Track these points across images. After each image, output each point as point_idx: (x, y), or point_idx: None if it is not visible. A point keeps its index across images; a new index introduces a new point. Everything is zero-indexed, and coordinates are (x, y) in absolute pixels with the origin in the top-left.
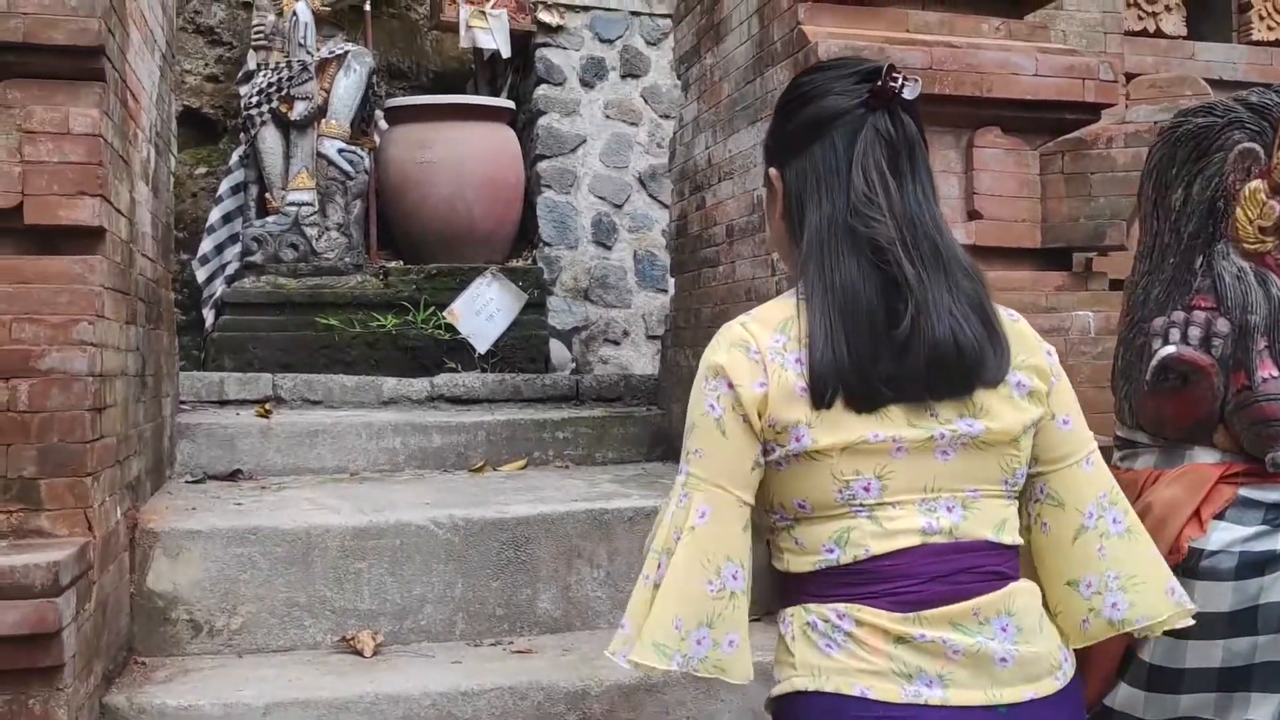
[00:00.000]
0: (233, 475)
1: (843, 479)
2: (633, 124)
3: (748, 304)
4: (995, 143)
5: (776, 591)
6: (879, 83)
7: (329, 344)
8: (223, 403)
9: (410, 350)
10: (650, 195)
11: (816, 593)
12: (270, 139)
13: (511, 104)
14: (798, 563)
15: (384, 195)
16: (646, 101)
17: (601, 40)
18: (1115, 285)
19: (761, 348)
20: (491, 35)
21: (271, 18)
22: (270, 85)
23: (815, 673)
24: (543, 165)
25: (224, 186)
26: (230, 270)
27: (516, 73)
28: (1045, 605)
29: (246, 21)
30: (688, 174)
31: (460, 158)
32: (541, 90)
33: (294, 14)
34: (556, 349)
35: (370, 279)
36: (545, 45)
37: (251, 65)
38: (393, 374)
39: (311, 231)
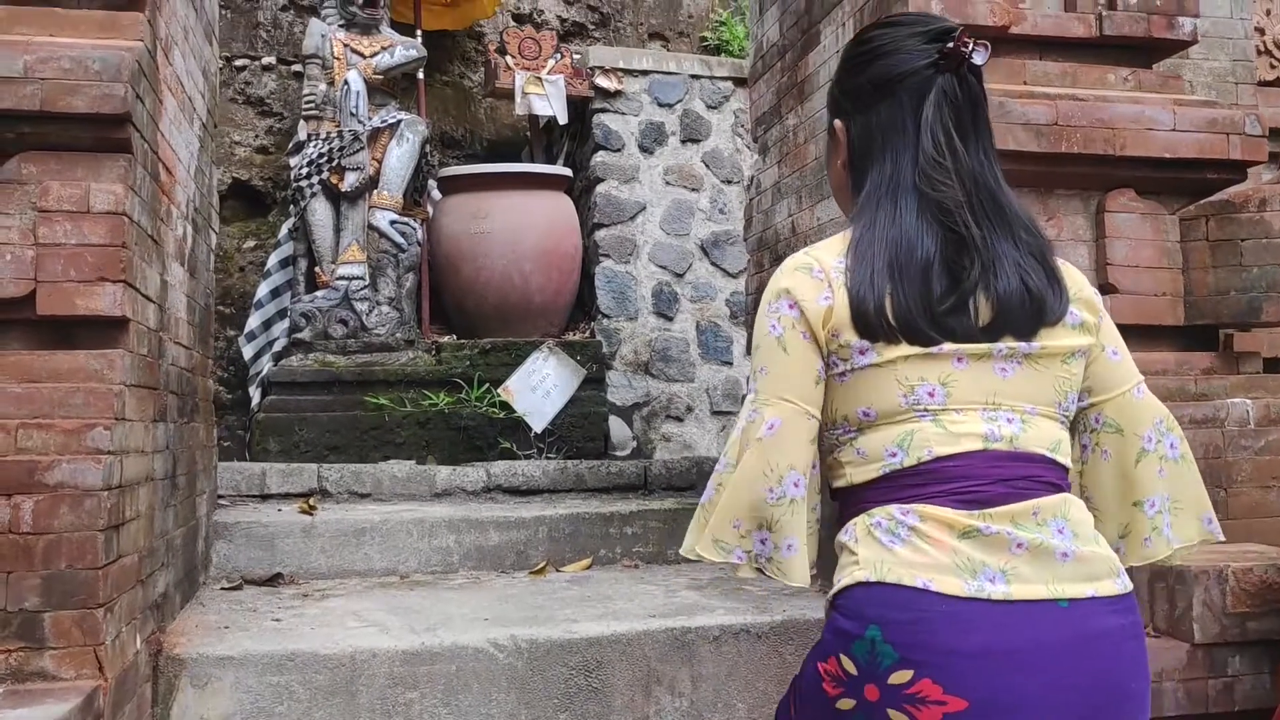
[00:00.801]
0: (273, 580)
1: (907, 384)
2: (694, 190)
3: None
4: (1129, 206)
5: (835, 520)
6: (951, 45)
7: (378, 424)
8: (264, 496)
9: (463, 430)
10: (713, 263)
11: (880, 498)
12: (320, 211)
13: (568, 171)
14: (861, 473)
15: (437, 267)
16: (708, 166)
17: (660, 105)
18: (1271, 366)
19: (825, 267)
20: (548, 101)
21: (323, 87)
22: (320, 156)
23: (877, 565)
24: (601, 234)
25: (272, 260)
26: (278, 347)
27: (573, 139)
28: (1102, 532)
29: (298, 91)
30: (767, 243)
31: (516, 228)
32: (599, 157)
33: (346, 83)
34: (616, 426)
35: (422, 355)
36: (603, 111)
37: (302, 136)
38: (445, 455)
39: (362, 306)
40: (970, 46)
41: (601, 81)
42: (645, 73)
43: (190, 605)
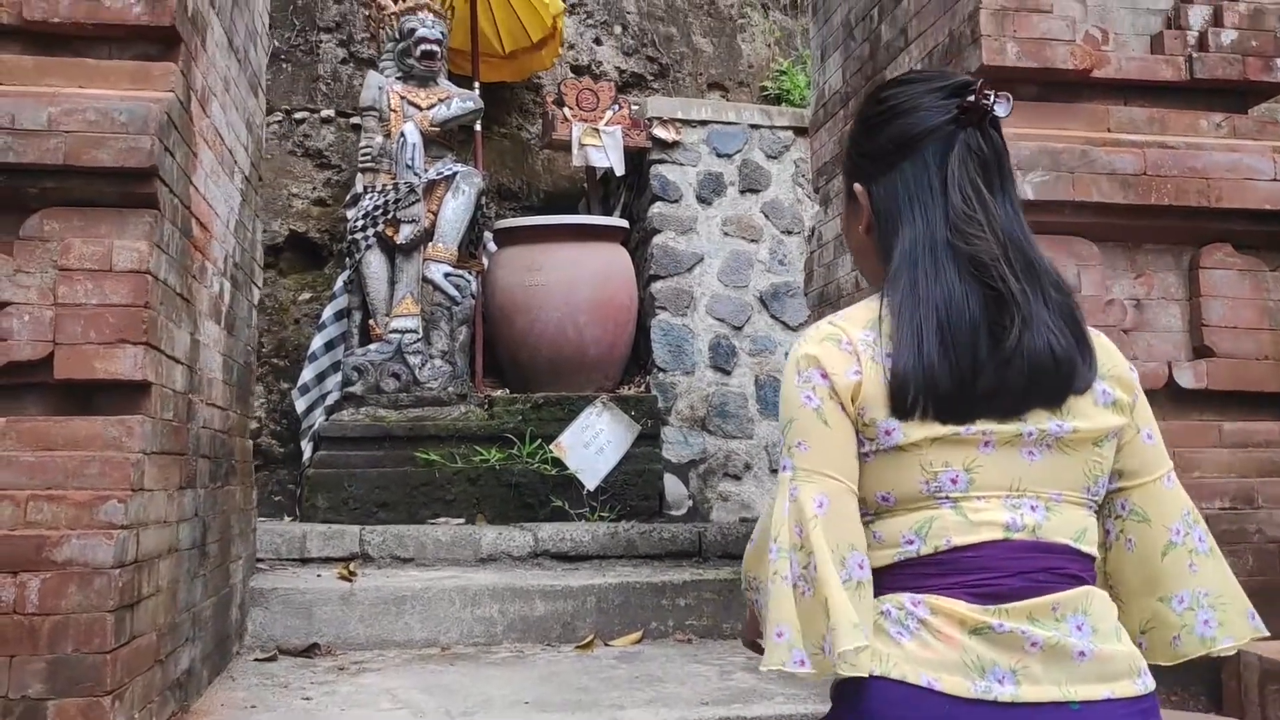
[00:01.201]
0: (309, 650)
1: (930, 470)
2: (753, 241)
3: None
4: (1226, 262)
5: None
6: (973, 99)
7: (428, 480)
8: (304, 560)
9: (514, 487)
10: (773, 316)
11: (892, 585)
12: (375, 264)
13: (625, 223)
14: (875, 558)
15: (491, 320)
16: (767, 217)
17: (719, 155)
18: None
19: (853, 339)
20: (605, 153)
21: (379, 139)
22: (376, 208)
23: (883, 659)
24: (657, 286)
25: (327, 312)
26: (331, 400)
27: (630, 190)
28: (1124, 623)
29: (356, 144)
30: (829, 297)
31: (571, 280)
32: (656, 208)
33: (402, 135)
34: (671, 485)
35: (474, 409)
36: (660, 161)
37: (359, 188)
38: (495, 512)
39: (415, 360)
40: (992, 98)
41: (659, 132)
42: (704, 123)
43: (219, 679)
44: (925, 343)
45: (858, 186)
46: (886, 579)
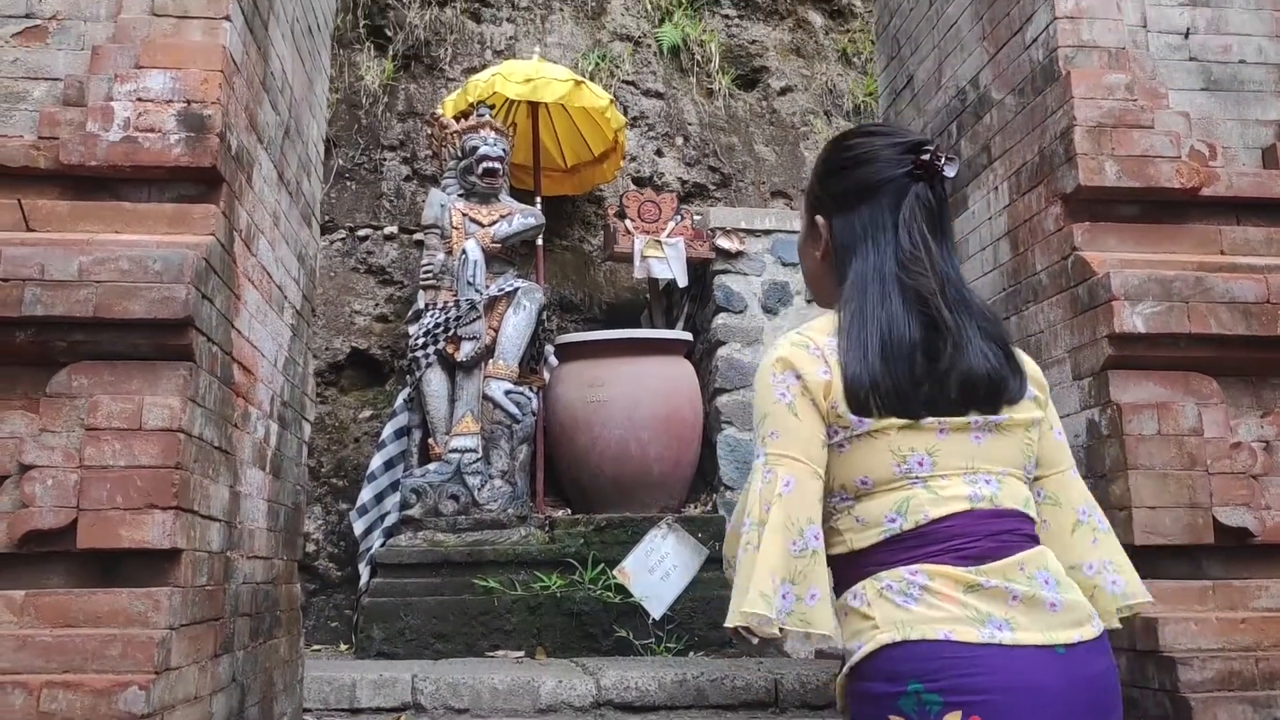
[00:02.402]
0: None
1: (900, 454)
2: None
3: None
4: None
5: (831, 587)
6: (928, 158)
7: (487, 609)
8: (354, 710)
9: (575, 616)
10: None
11: (883, 561)
12: (435, 381)
13: (688, 336)
14: (860, 539)
15: (552, 436)
16: None
17: (784, 264)
18: None
19: (820, 345)
20: (667, 265)
21: (441, 256)
22: (437, 326)
23: (899, 625)
24: (723, 399)
25: (387, 431)
26: (389, 521)
27: (694, 301)
28: None
29: (418, 260)
30: None
31: (634, 395)
32: (720, 319)
33: (464, 252)
34: None
35: (534, 532)
36: (724, 272)
37: (421, 304)
38: (556, 643)
39: (474, 480)
40: (943, 160)
41: (722, 242)
42: (768, 232)
43: None
44: (869, 354)
45: (819, 219)
46: (876, 556)
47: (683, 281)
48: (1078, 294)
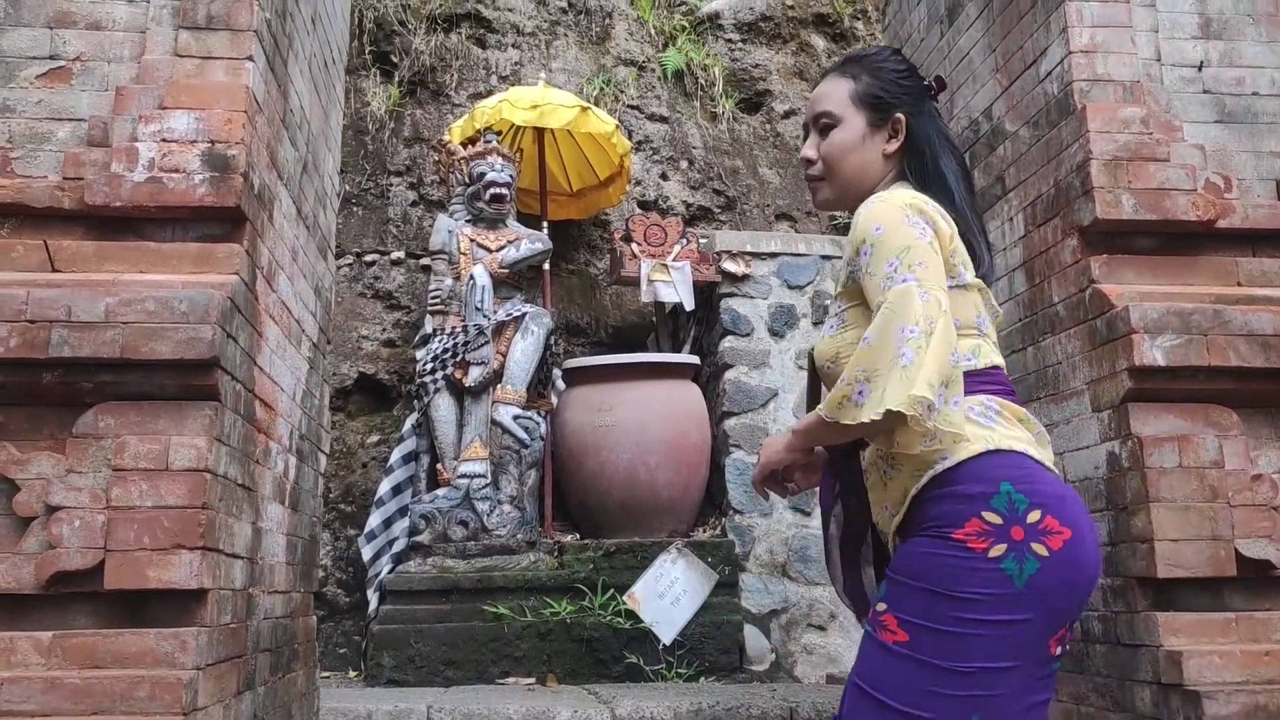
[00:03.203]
0: None
1: (976, 308)
2: None
3: None
4: None
5: None
6: (933, 82)
7: (497, 636)
8: None
9: (586, 642)
10: None
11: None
12: (444, 407)
13: (695, 359)
14: None
15: (560, 461)
16: None
17: (790, 287)
18: None
19: (932, 204)
20: (674, 288)
21: (449, 282)
22: (445, 351)
23: (989, 439)
24: (730, 423)
25: (395, 456)
26: (398, 547)
27: (700, 324)
28: None
29: (425, 285)
30: None
31: (641, 420)
32: (727, 342)
33: (471, 278)
34: (752, 636)
35: (544, 557)
36: (730, 295)
37: (428, 329)
38: (566, 669)
39: (483, 506)
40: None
41: (729, 266)
42: (774, 255)
43: None
44: (974, 223)
45: (899, 115)
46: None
47: (689, 305)
48: (1096, 326)
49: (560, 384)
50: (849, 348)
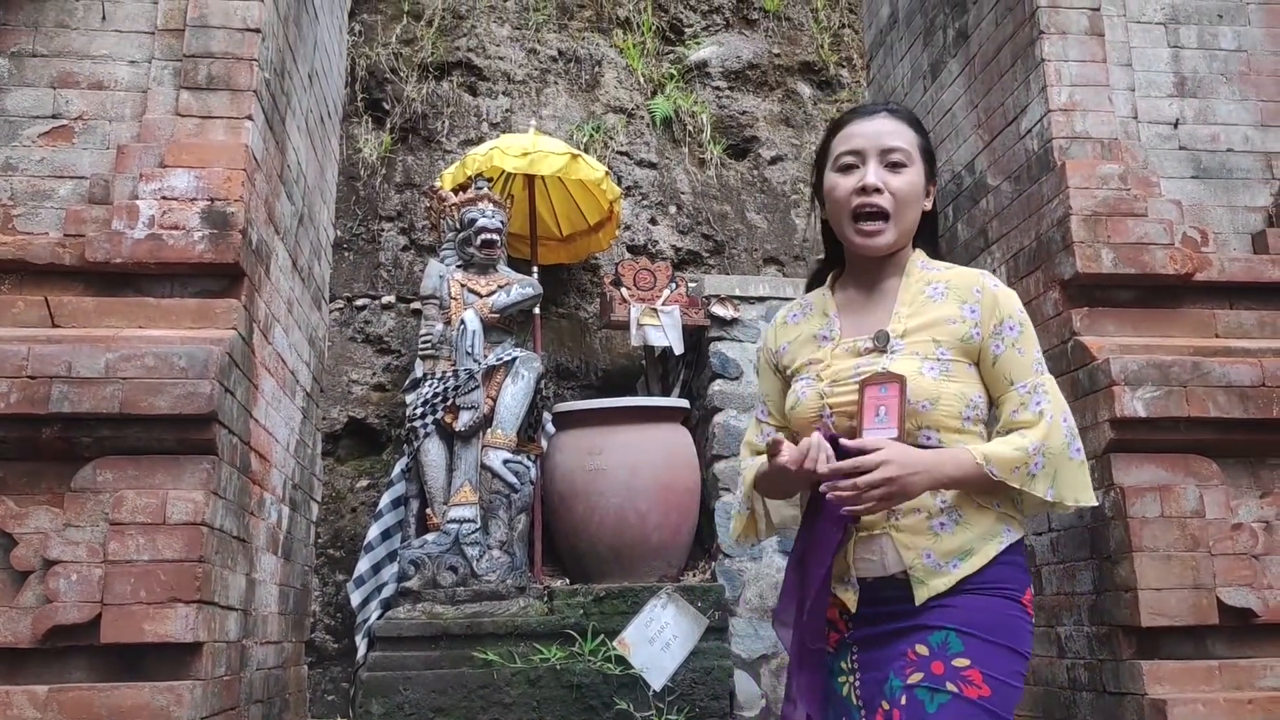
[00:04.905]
0: None
1: None
2: None
3: None
4: None
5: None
6: None
7: (487, 683)
8: None
9: (576, 688)
10: None
11: None
12: (434, 451)
13: (684, 403)
14: None
15: (550, 505)
16: None
17: None
18: None
19: None
20: (663, 332)
21: (440, 327)
22: (435, 395)
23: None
24: (720, 466)
25: (384, 501)
26: (387, 593)
27: (689, 368)
28: None
29: (415, 329)
30: None
31: (632, 463)
32: (716, 385)
33: (462, 323)
34: (743, 682)
35: (534, 603)
36: (719, 339)
37: (419, 373)
38: (556, 716)
39: (472, 551)
40: None
41: (717, 310)
42: (762, 299)
43: None
44: None
45: (933, 186)
46: None
47: (679, 349)
48: (1078, 378)
49: (550, 427)
50: (950, 399)
